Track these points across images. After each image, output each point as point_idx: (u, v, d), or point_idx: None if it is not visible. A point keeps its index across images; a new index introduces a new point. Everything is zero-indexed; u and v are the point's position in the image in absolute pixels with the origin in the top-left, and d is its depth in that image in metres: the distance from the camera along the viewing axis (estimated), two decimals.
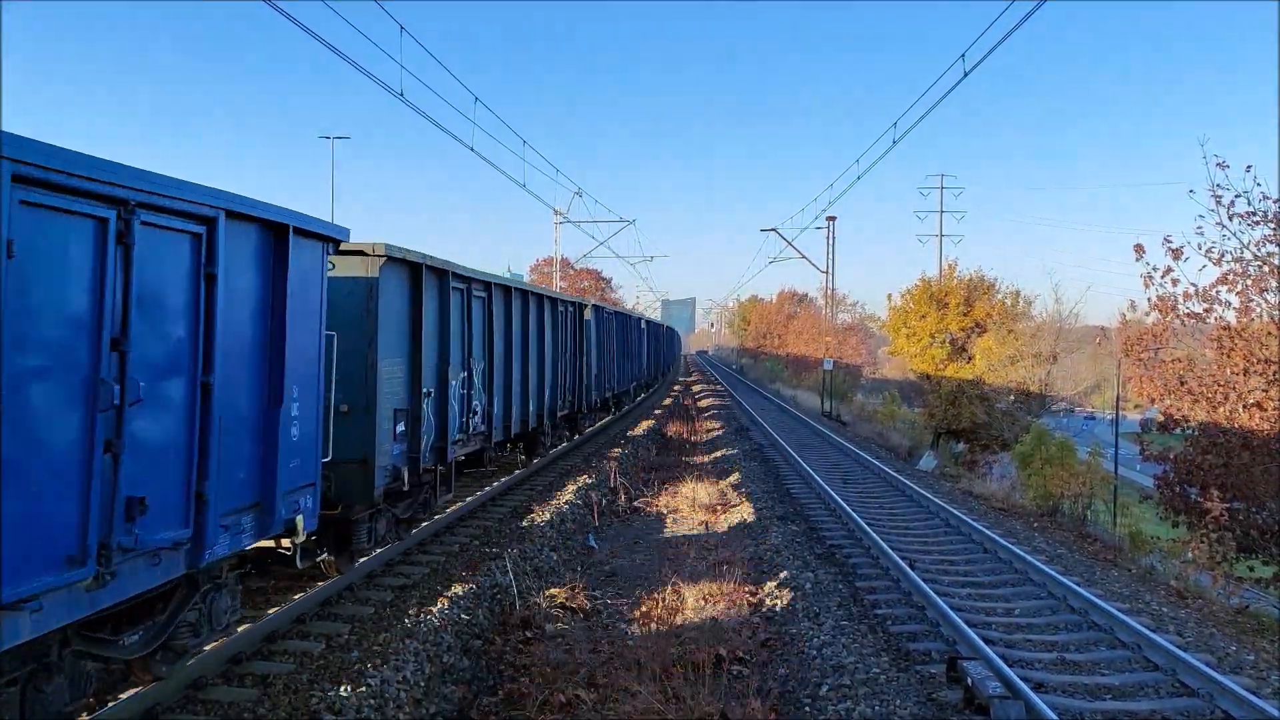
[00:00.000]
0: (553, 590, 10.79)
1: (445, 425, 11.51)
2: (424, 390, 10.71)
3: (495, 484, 16.00)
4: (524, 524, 13.50)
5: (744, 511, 16.03)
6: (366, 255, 9.42)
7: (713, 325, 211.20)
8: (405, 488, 10.19)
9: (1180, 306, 16.55)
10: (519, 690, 7.93)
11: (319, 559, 9.11)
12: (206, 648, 7.14)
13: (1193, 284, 16.40)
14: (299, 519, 7.42)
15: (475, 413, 12.95)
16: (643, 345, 38.89)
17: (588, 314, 23.24)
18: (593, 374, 23.91)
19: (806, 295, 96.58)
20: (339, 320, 8.75)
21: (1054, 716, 6.77)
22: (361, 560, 10.15)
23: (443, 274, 11.52)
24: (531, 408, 16.77)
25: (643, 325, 39.74)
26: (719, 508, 17.04)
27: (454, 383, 11.90)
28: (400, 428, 10.16)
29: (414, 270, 10.61)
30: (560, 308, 19.72)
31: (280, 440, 7.00)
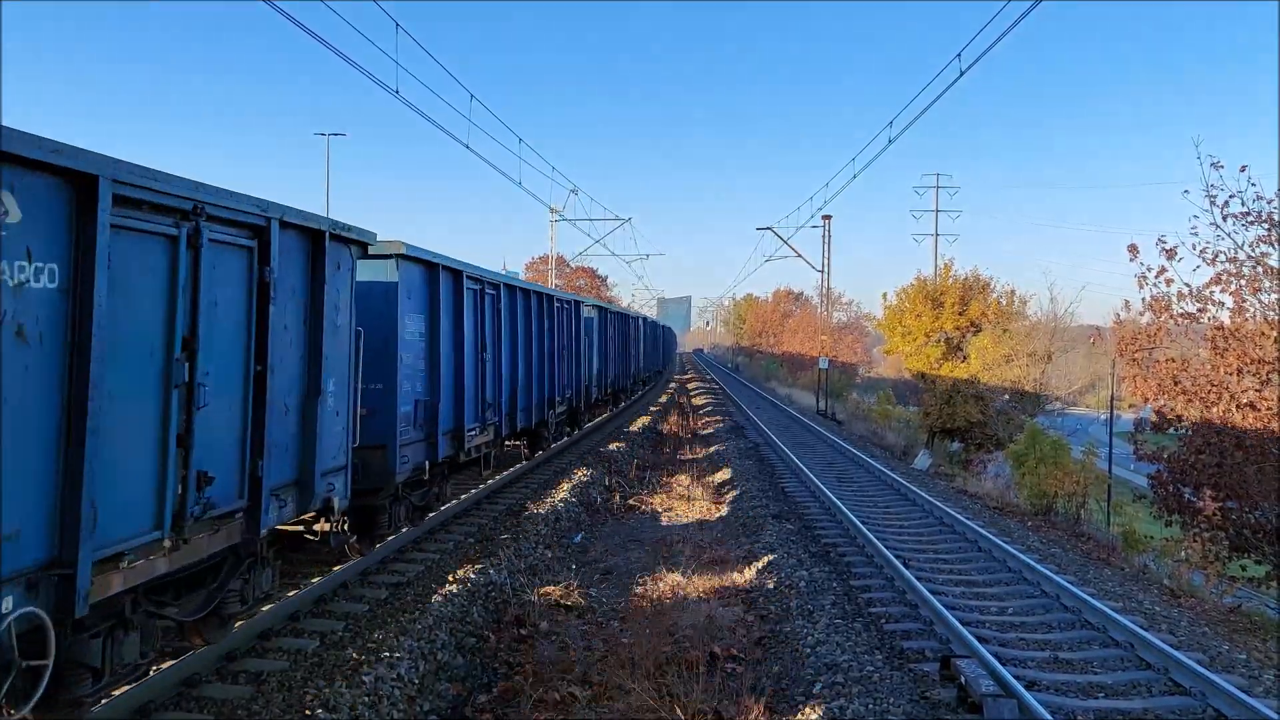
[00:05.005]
0: (547, 588, 10.79)
1: None
2: None
3: None
4: None
5: (739, 509, 16.04)
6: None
7: (708, 324, 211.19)
8: None
9: (1174, 307, 16.57)
10: (513, 688, 7.93)
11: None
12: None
13: (1187, 284, 16.43)
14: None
15: None
16: (589, 350, 25.23)
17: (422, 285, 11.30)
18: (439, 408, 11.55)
19: (802, 294, 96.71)
20: None
21: (1047, 715, 6.78)
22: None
23: None
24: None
25: (588, 313, 25.45)
26: (713, 505, 17.05)
27: None
28: None
29: None
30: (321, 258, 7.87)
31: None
